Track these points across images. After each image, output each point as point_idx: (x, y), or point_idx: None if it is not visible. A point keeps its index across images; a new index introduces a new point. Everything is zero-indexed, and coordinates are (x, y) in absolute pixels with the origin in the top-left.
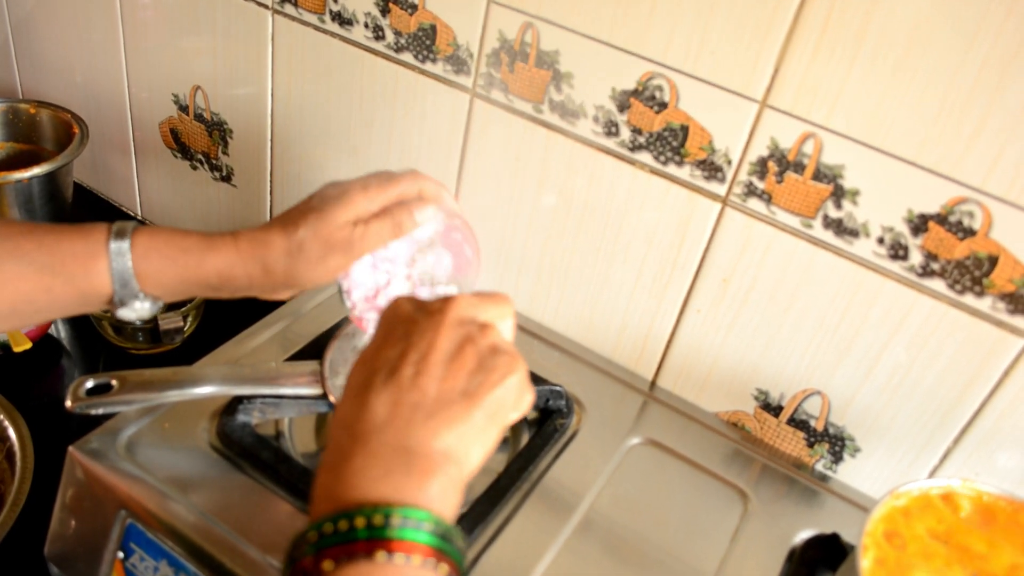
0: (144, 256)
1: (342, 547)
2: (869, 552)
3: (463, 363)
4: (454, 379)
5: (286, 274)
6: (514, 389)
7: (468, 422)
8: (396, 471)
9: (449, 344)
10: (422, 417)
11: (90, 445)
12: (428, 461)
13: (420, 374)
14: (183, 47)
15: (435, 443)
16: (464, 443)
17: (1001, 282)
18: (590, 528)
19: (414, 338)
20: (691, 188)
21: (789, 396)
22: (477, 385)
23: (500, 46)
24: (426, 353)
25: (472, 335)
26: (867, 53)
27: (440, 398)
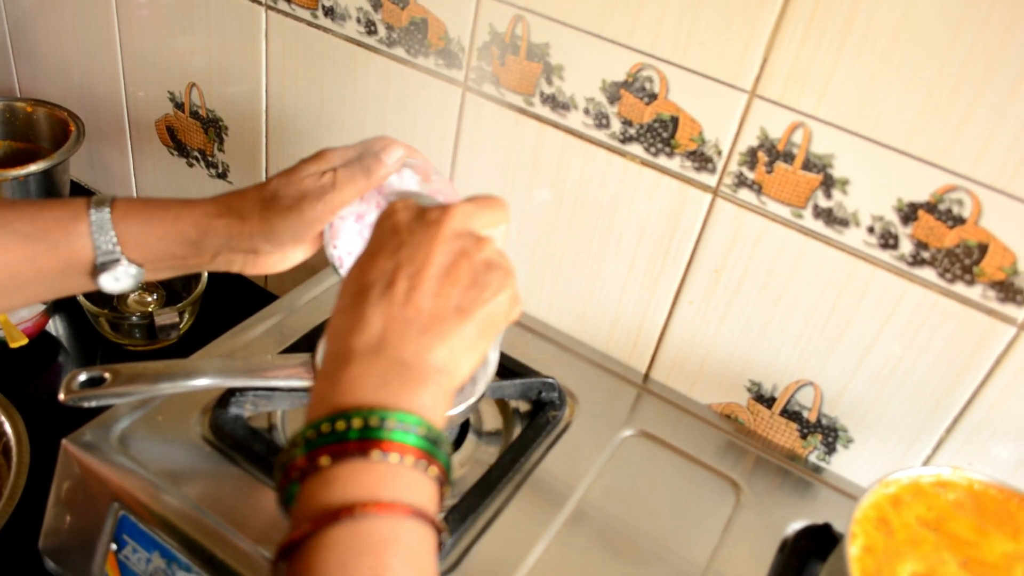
0: (123, 218)
1: (338, 445)
2: (858, 539)
3: (457, 278)
4: (448, 294)
5: (262, 220)
6: (505, 303)
7: (460, 336)
8: (392, 380)
9: (444, 258)
10: (416, 332)
11: (83, 438)
12: (421, 373)
13: (414, 289)
14: (178, 45)
15: (429, 356)
16: (456, 356)
17: (991, 270)
18: (582, 519)
19: (409, 250)
20: (682, 179)
21: (782, 387)
22: (471, 301)
23: (491, 39)
24: (421, 267)
25: (467, 249)
26: (854, 42)
27: (434, 313)
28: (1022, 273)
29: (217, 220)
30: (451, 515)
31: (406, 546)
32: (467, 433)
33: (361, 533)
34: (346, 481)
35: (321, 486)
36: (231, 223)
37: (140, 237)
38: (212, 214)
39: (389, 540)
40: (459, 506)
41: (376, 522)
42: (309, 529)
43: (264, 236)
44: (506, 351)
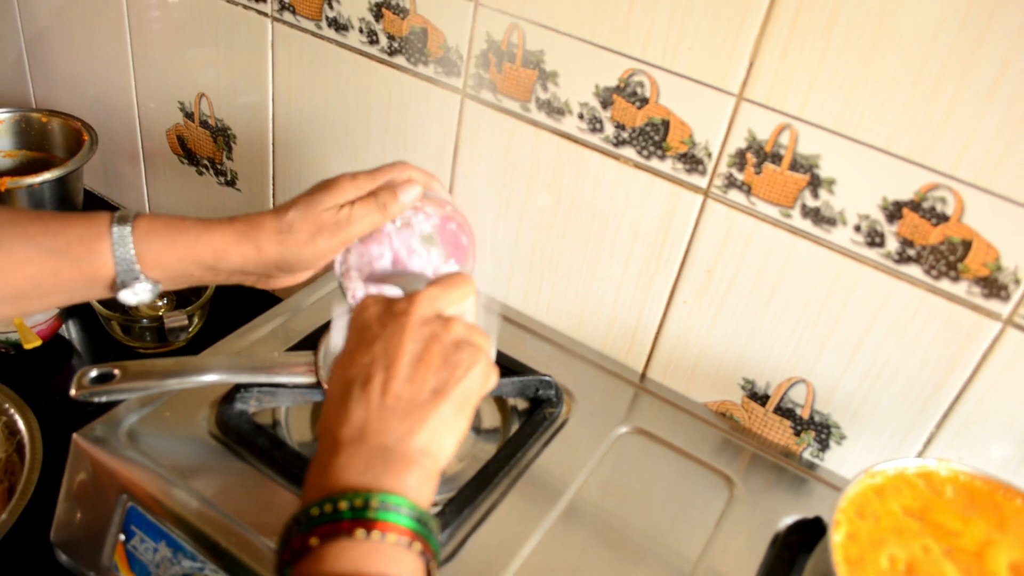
0: (145, 238)
1: (327, 526)
2: (841, 527)
3: (429, 362)
4: (422, 379)
5: (277, 253)
6: (478, 379)
7: (439, 417)
8: (376, 466)
9: (415, 345)
10: (397, 419)
11: (94, 432)
12: (405, 457)
13: (390, 379)
14: (188, 57)
15: (411, 442)
16: (437, 437)
17: (975, 266)
18: (576, 513)
19: (383, 343)
20: (674, 181)
21: (775, 385)
22: (444, 381)
23: (488, 47)
24: (394, 358)
25: (436, 333)
26: (836, 45)
27: (412, 399)
28: (1006, 269)
29: (234, 248)
30: (448, 507)
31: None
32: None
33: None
34: (334, 558)
35: (311, 564)
36: (247, 251)
37: (160, 259)
38: (230, 242)
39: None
40: (456, 498)
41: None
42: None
43: (277, 265)
44: (505, 351)
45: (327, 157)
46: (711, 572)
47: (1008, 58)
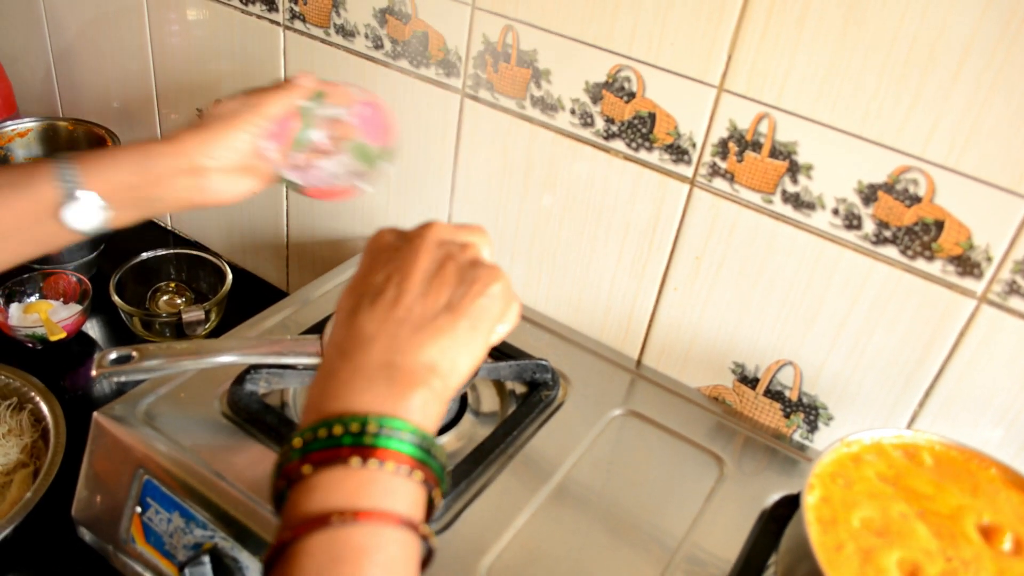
0: (81, 157)
1: (321, 452)
2: (815, 491)
3: (444, 278)
4: (437, 294)
5: (194, 138)
6: (498, 298)
7: (452, 334)
8: (378, 383)
9: (430, 263)
10: (407, 332)
11: (113, 411)
12: (410, 375)
13: (404, 293)
14: (207, 67)
15: (419, 356)
16: (449, 355)
17: (948, 245)
18: (568, 490)
19: (397, 262)
20: (661, 171)
21: (764, 368)
22: (460, 297)
23: (485, 48)
24: (408, 273)
25: (452, 252)
26: (809, 36)
27: (424, 313)
28: (978, 247)
29: (155, 144)
30: None
31: (385, 554)
32: (464, 412)
33: (339, 541)
34: (327, 489)
35: (304, 493)
36: (166, 144)
37: (97, 168)
38: (152, 141)
39: (367, 548)
40: (452, 472)
41: (354, 530)
42: (290, 536)
43: (201, 150)
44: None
45: None
46: (697, 547)
47: (969, 42)
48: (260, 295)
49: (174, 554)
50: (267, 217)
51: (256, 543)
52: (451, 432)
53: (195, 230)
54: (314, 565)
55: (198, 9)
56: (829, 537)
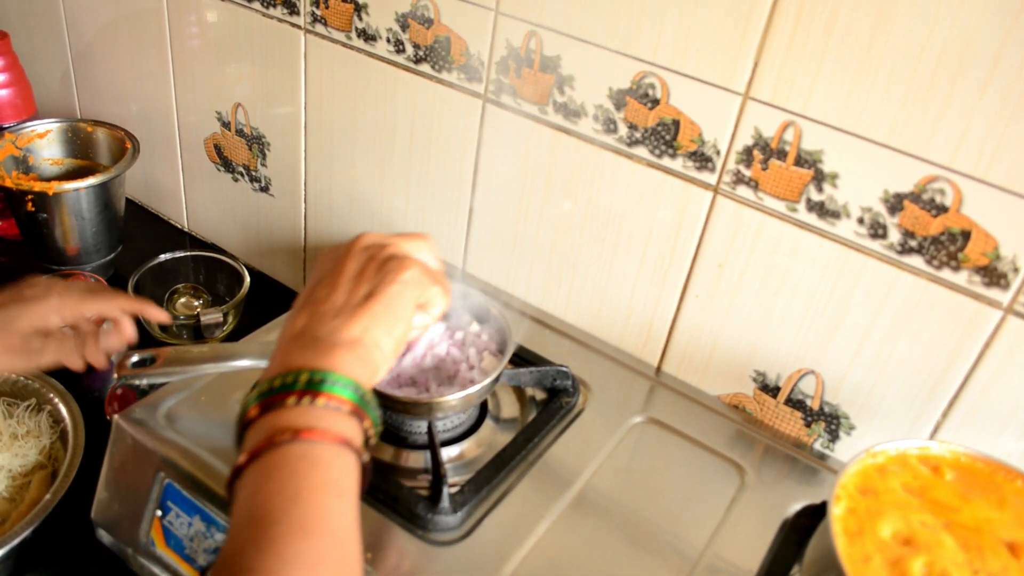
0: None
1: (265, 399)
2: (841, 502)
3: (365, 275)
4: (358, 288)
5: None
6: (410, 282)
7: (370, 315)
8: (308, 351)
9: (355, 265)
10: (329, 318)
11: (134, 414)
12: (335, 344)
13: (331, 291)
14: (226, 70)
15: (341, 334)
16: (370, 333)
17: (975, 256)
18: (588, 498)
19: (329, 270)
20: (685, 179)
21: (785, 377)
22: (375, 286)
23: (508, 54)
24: (336, 276)
25: (374, 254)
26: (836, 44)
27: (347, 304)
28: (1004, 258)
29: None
30: (466, 486)
31: (325, 465)
32: (485, 418)
33: (282, 454)
34: (274, 422)
35: (256, 429)
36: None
37: None
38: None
39: (308, 458)
40: (474, 479)
41: (296, 445)
42: (244, 460)
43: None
44: (526, 345)
45: (356, 161)
46: (717, 557)
47: (999, 53)
48: (277, 298)
49: (194, 558)
50: (285, 220)
51: None
52: (471, 438)
53: (213, 232)
54: (262, 478)
55: (218, 11)
56: (856, 549)
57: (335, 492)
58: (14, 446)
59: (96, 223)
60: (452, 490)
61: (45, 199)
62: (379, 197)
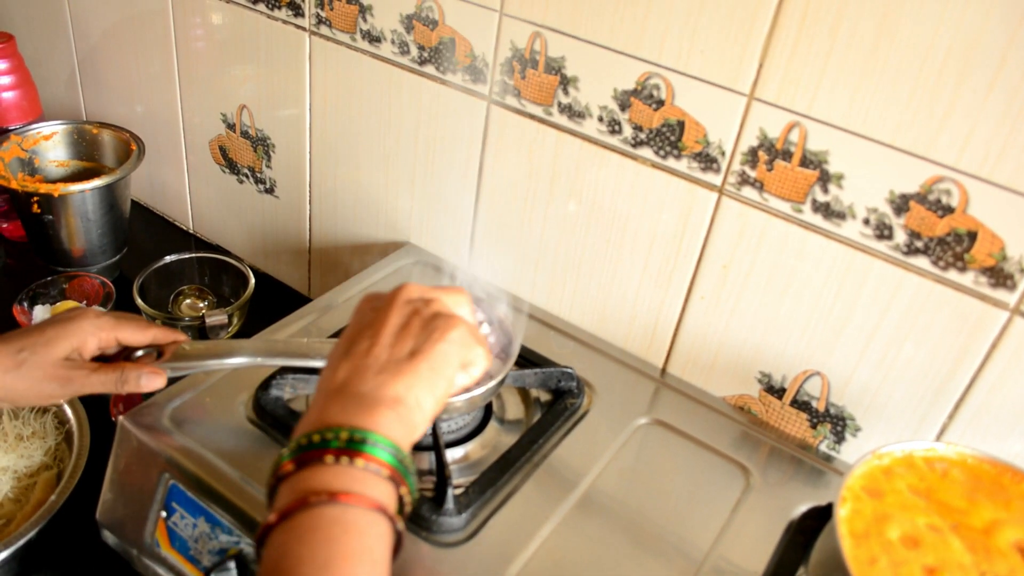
0: None
1: (303, 455)
2: (847, 504)
3: (409, 330)
4: (402, 344)
5: (2, 386)
6: (456, 342)
7: (414, 374)
8: (349, 408)
9: (398, 319)
10: (373, 374)
11: (139, 416)
12: (377, 401)
13: (375, 345)
14: (231, 72)
15: (384, 391)
16: (413, 392)
17: (981, 256)
18: (593, 499)
19: (371, 321)
20: (689, 180)
21: (791, 378)
22: (421, 344)
23: (512, 55)
24: (379, 329)
25: (418, 308)
26: (841, 45)
27: (390, 360)
28: (1011, 259)
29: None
30: (471, 488)
31: (357, 530)
32: (490, 419)
33: (315, 516)
34: (308, 480)
35: (287, 487)
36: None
37: None
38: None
39: (341, 523)
40: (479, 481)
41: (330, 508)
42: (275, 519)
43: (3, 396)
44: (530, 346)
45: (360, 163)
46: (723, 558)
47: (1005, 53)
48: (282, 300)
49: (199, 559)
50: (290, 221)
51: None
52: (476, 440)
53: (218, 234)
54: (292, 540)
55: (223, 13)
56: (862, 551)
57: (368, 561)
58: (19, 447)
59: (101, 224)
60: (457, 491)
61: (51, 201)
62: (384, 199)
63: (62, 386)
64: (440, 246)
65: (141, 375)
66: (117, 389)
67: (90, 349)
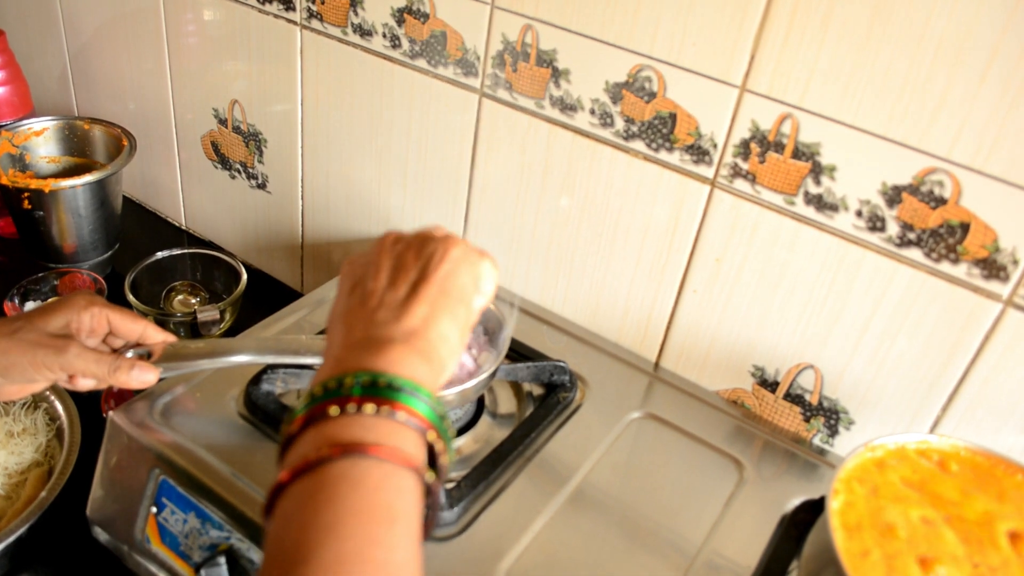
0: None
1: (305, 411)
2: (840, 496)
3: (405, 265)
4: (402, 280)
5: None
6: (460, 260)
7: (426, 301)
8: (356, 353)
9: (390, 260)
10: (381, 315)
11: (129, 411)
12: (387, 340)
13: (373, 290)
14: (223, 67)
15: (394, 328)
16: (430, 322)
17: (974, 248)
18: (586, 493)
19: (361, 272)
20: (682, 172)
21: (784, 371)
22: (421, 272)
23: (504, 48)
24: (373, 274)
25: (409, 243)
26: (833, 36)
27: (394, 298)
28: (1004, 250)
29: None
30: (463, 482)
31: (365, 481)
32: (482, 413)
33: (319, 475)
34: (310, 439)
35: (293, 449)
36: None
37: None
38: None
39: (344, 476)
40: (471, 475)
41: (335, 464)
42: (278, 483)
43: None
44: (523, 340)
45: (352, 157)
46: (716, 553)
47: (998, 42)
48: (275, 295)
49: (190, 555)
50: (282, 217)
51: None
52: (468, 434)
53: (210, 230)
54: (294, 505)
55: (214, 8)
56: (854, 543)
57: (384, 519)
58: (10, 444)
59: (93, 221)
60: (449, 486)
61: (42, 197)
62: (376, 193)
63: (56, 353)
64: None
65: (135, 366)
66: (109, 375)
67: (83, 325)
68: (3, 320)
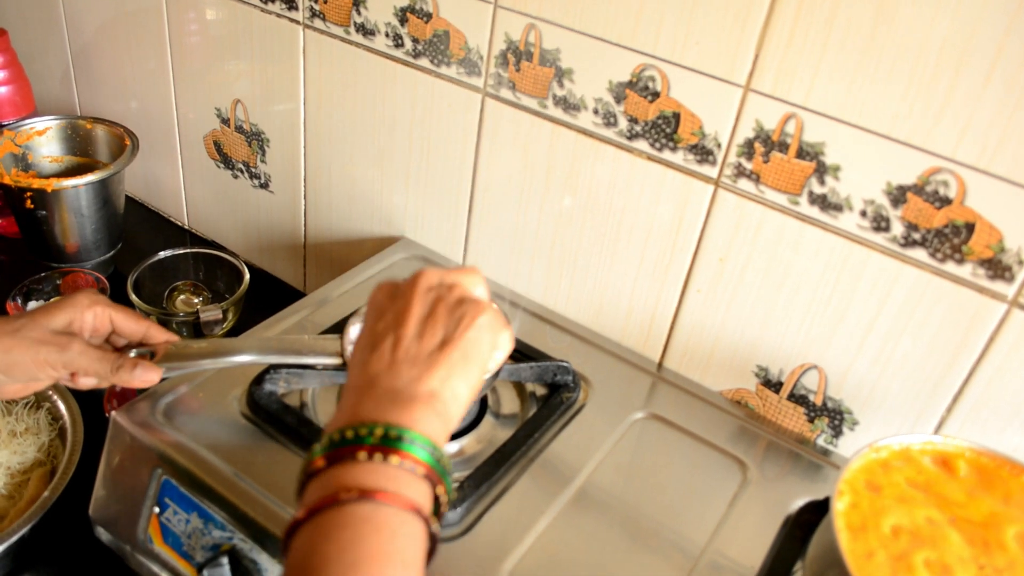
0: None
1: (333, 451)
2: (844, 497)
3: (436, 319)
4: (431, 335)
5: (2, 349)
6: (485, 328)
7: (447, 364)
8: (383, 404)
9: (422, 308)
10: (407, 369)
11: (132, 411)
12: (412, 397)
13: (401, 339)
14: (225, 66)
15: (420, 386)
16: (449, 383)
17: (979, 248)
18: (589, 493)
19: (393, 312)
20: (685, 172)
21: (788, 372)
22: (451, 332)
23: (507, 47)
24: (404, 320)
25: (441, 295)
26: (837, 36)
27: (421, 352)
28: (1009, 250)
29: None
30: (466, 482)
31: (389, 530)
32: (485, 414)
33: (346, 513)
34: (336, 478)
35: (317, 483)
36: None
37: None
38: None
39: (372, 521)
40: (474, 475)
41: (361, 505)
42: (303, 514)
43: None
44: (526, 341)
45: (355, 156)
46: (719, 554)
47: (1003, 42)
48: (277, 295)
49: (192, 555)
50: (285, 217)
51: (275, 545)
52: (471, 434)
53: (212, 229)
54: (320, 537)
55: (217, 8)
56: (859, 544)
57: (398, 562)
58: (12, 443)
59: (96, 220)
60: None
61: (44, 196)
62: (379, 192)
63: (59, 350)
64: (435, 241)
65: (137, 366)
66: (111, 374)
67: (86, 323)
68: (6, 318)
